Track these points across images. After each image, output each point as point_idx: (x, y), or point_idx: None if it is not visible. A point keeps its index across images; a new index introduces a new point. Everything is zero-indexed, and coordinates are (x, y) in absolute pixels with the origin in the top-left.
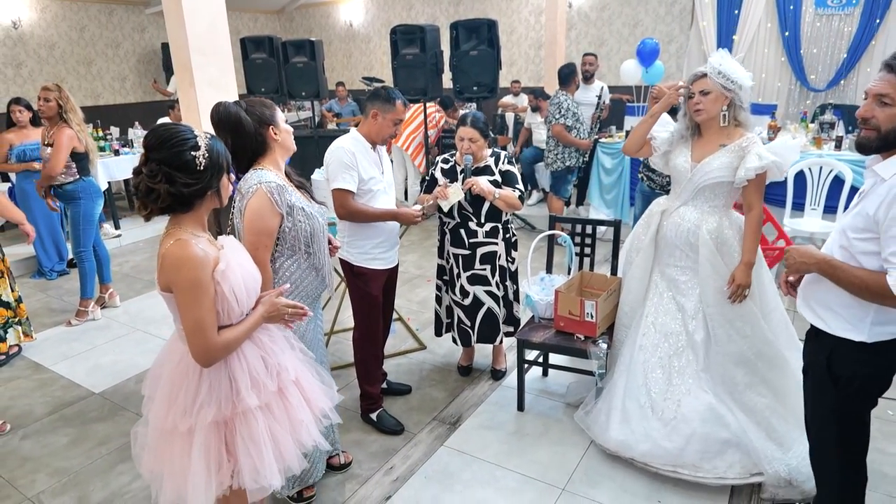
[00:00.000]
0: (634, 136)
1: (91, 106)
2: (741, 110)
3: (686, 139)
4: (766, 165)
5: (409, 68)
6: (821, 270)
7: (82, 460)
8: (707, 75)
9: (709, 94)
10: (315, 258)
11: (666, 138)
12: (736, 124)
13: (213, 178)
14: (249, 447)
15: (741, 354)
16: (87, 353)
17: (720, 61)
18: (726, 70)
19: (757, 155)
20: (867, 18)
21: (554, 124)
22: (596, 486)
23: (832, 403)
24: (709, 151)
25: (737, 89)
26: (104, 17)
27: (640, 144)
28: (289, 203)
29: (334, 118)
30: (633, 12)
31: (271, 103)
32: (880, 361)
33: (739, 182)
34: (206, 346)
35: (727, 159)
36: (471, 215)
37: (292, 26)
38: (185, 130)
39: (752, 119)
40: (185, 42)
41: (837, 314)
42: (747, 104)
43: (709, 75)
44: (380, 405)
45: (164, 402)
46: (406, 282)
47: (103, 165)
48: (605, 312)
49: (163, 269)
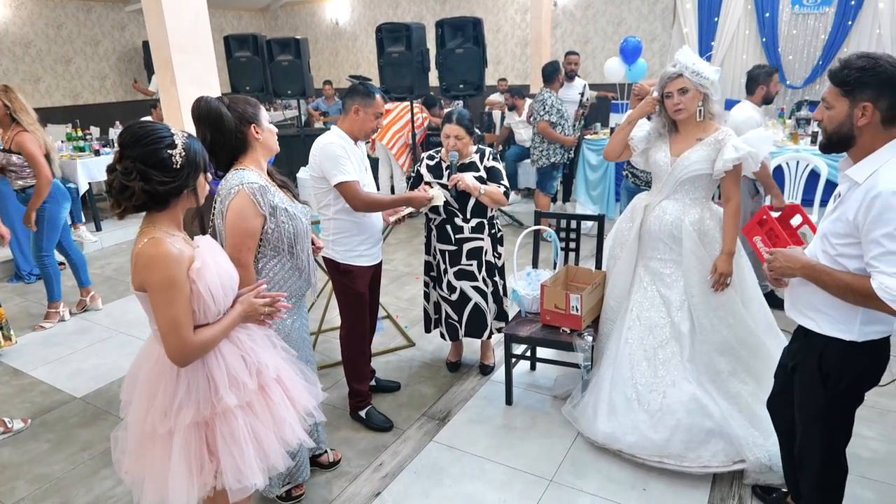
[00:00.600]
0: (614, 142)
1: (70, 105)
2: (714, 104)
3: (664, 136)
4: (742, 157)
5: (395, 66)
6: (805, 275)
7: (64, 466)
8: (682, 75)
9: (687, 92)
10: (299, 259)
11: (643, 136)
12: (710, 117)
13: (190, 176)
14: (231, 447)
15: (725, 343)
16: (68, 358)
17: (691, 59)
18: (698, 68)
19: (733, 147)
20: (840, 18)
21: (539, 121)
22: (583, 476)
23: (821, 401)
24: (687, 146)
25: (709, 84)
26: (82, 15)
27: (620, 150)
28: (272, 204)
29: (321, 117)
30: (616, 11)
31: (256, 101)
32: (869, 360)
33: (718, 174)
34: (182, 345)
35: (705, 152)
36: (456, 211)
37: (277, 24)
38: (161, 128)
39: (722, 111)
40: (166, 40)
41: (827, 315)
42: (717, 97)
43: (684, 74)
44: (368, 402)
45: (143, 405)
46: (394, 279)
47: (83, 166)
48: (590, 306)
49: (136, 268)
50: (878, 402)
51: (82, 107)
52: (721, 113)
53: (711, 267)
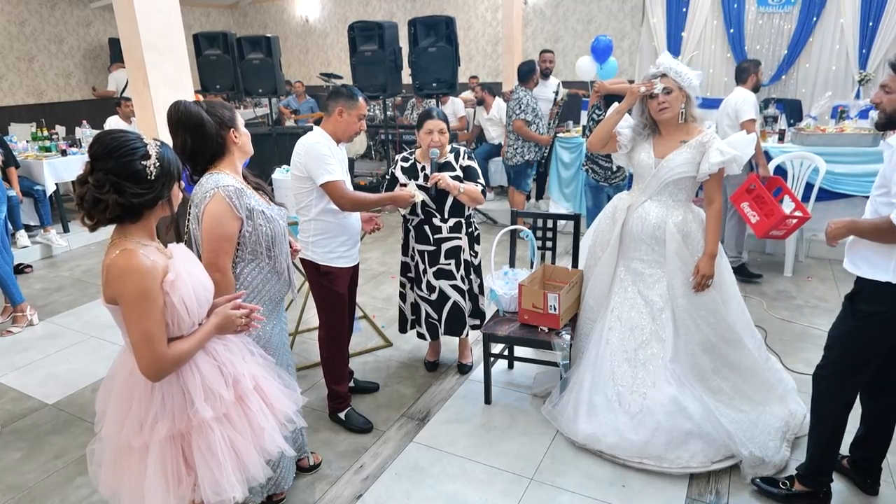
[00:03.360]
0: (602, 132)
1: (34, 104)
2: (695, 107)
3: (646, 137)
4: (727, 160)
5: (368, 65)
6: (849, 229)
7: (38, 475)
8: (667, 74)
9: (671, 92)
10: (277, 261)
11: (630, 135)
12: (692, 120)
13: (164, 187)
14: (208, 460)
15: (707, 342)
16: (38, 363)
17: (672, 62)
18: (681, 70)
19: (718, 150)
20: (805, 16)
21: (515, 120)
22: (563, 474)
23: (847, 326)
24: (671, 148)
25: (688, 85)
26: (46, 12)
27: (606, 140)
28: (248, 206)
29: (292, 115)
30: (586, 9)
31: (231, 105)
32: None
33: (702, 176)
34: (155, 359)
35: (689, 155)
36: (434, 211)
37: (246, 21)
38: (133, 139)
39: (704, 114)
40: (138, 40)
41: (869, 260)
42: (698, 101)
43: (668, 74)
44: (348, 404)
45: (117, 418)
46: (370, 279)
47: (50, 166)
48: (567, 304)
49: (108, 280)
50: None
51: (47, 105)
52: (703, 116)
53: (694, 269)
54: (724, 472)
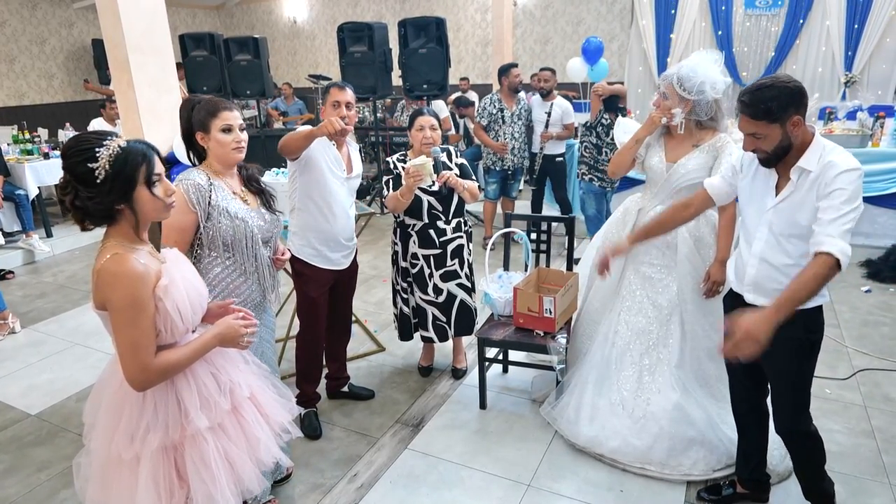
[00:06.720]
0: (622, 160)
1: (15, 106)
2: (708, 112)
3: (656, 138)
4: None
5: (357, 66)
6: (777, 321)
7: (20, 489)
8: (671, 82)
9: (667, 98)
10: (243, 261)
11: (643, 148)
12: (710, 126)
13: (114, 192)
14: (202, 471)
15: (714, 349)
16: (20, 372)
17: (679, 70)
18: (683, 77)
19: (731, 155)
20: (791, 18)
21: (475, 123)
22: (560, 479)
23: (812, 366)
24: (682, 152)
25: (694, 97)
26: (27, 12)
27: (627, 167)
28: (210, 203)
29: (280, 117)
30: (576, 11)
31: (216, 108)
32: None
33: None
34: (140, 369)
35: (702, 159)
36: (440, 213)
37: (233, 22)
38: (90, 139)
39: (725, 121)
40: (122, 40)
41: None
42: (712, 111)
43: (671, 82)
44: (312, 405)
45: (107, 429)
46: (361, 283)
47: (32, 170)
48: (563, 308)
49: (98, 286)
50: (841, 395)
51: (28, 107)
52: (722, 118)
53: (705, 275)
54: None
